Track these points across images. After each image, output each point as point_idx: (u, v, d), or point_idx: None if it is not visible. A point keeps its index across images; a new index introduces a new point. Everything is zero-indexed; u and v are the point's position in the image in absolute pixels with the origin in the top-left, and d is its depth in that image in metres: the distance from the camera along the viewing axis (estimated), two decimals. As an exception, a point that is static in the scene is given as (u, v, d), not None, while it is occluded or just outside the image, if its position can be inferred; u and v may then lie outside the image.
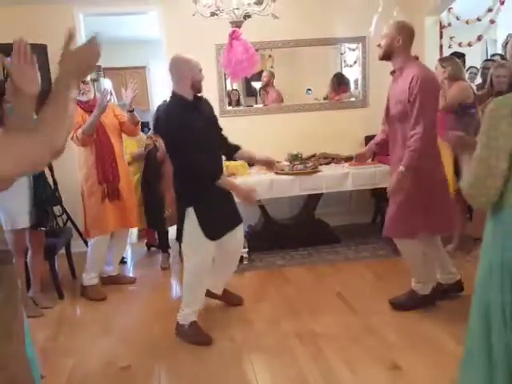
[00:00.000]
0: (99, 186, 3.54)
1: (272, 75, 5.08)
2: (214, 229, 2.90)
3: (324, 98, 5.19)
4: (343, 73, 5.35)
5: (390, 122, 3.00)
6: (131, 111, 3.67)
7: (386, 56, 2.89)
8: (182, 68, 2.80)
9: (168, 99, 3.07)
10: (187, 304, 2.96)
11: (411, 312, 3.09)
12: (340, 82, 5.27)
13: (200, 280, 2.95)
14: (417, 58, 2.90)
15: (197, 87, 2.82)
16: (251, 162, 3.87)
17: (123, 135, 3.85)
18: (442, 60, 4.04)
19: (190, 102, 2.81)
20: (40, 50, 4.37)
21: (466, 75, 5.04)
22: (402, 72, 2.85)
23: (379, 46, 2.90)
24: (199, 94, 2.88)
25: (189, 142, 2.70)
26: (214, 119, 3.04)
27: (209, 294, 3.23)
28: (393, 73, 2.96)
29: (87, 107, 3.56)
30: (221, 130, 3.10)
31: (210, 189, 2.82)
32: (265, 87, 5.17)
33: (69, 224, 4.31)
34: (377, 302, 3.27)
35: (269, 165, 3.32)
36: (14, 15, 4.47)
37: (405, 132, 2.81)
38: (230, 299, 3.36)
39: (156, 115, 4.19)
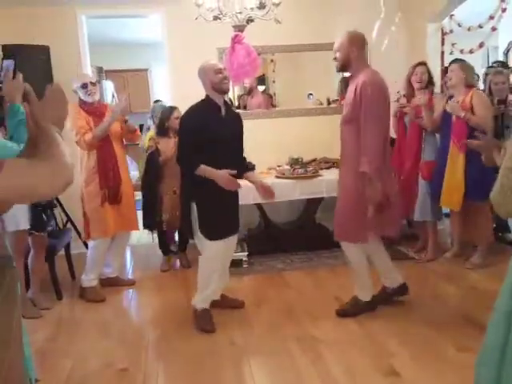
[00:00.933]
0: (100, 191, 3.54)
1: (254, 80, 5.08)
2: (212, 229, 2.98)
3: (328, 103, 5.20)
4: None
5: (341, 123, 3.04)
6: (126, 121, 3.68)
7: (343, 68, 2.99)
8: (200, 74, 3.03)
9: None
10: (200, 290, 3.12)
11: (411, 317, 3.09)
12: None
13: (211, 273, 3.07)
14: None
15: (216, 88, 2.97)
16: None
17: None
18: (463, 65, 3.91)
19: (212, 102, 2.99)
20: (42, 51, 4.40)
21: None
22: (354, 78, 2.94)
23: (335, 59, 2.96)
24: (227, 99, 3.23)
25: (191, 136, 2.91)
26: (237, 132, 3.12)
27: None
28: (350, 78, 3.05)
29: (91, 109, 3.56)
30: (241, 146, 3.17)
31: (212, 188, 2.89)
32: (249, 92, 5.17)
33: (69, 225, 4.31)
34: (376, 308, 3.27)
35: (267, 194, 3.15)
36: (17, 17, 4.49)
37: (349, 134, 2.91)
38: (230, 303, 3.36)
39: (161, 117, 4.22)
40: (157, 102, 5.96)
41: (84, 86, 3.54)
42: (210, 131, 2.89)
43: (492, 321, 1.54)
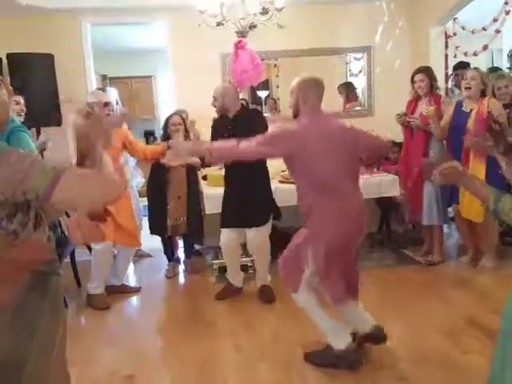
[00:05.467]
0: None
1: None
2: (222, 216, 3.49)
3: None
4: (347, 82, 5.37)
5: None
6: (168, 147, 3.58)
7: (295, 115, 2.65)
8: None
9: None
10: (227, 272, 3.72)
11: (418, 324, 3.06)
12: (350, 91, 5.30)
13: (226, 257, 3.64)
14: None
15: (218, 110, 3.51)
16: None
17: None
18: (483, 74, 3.81)
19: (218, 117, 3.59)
20: (47, 60, 4.42)
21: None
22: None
23: (290, 107, 2.69)
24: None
25: None
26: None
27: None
28: None
29: None
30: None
31: (228, 179, 3.48)
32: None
33: (74, 232, 4.31)
34: (382, 313, 3.23)
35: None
36: (22, 25, 4.52)
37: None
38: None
39: None
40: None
41: (105, 105, 3.59)
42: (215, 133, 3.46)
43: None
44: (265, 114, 5.16)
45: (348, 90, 5.32)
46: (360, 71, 5.25)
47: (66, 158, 1.51)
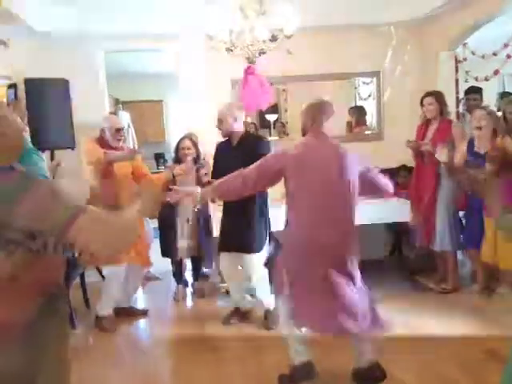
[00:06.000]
0: None
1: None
2: (219, 240, 3.49)
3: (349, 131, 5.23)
4: (358, 106, 5.42)
5: None
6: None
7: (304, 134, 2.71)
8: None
9: None
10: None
11: (432, 353, 2.97)
12: (361, 115, 5.33)
13: (228, 281, 3.65)
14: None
15: (222, 133, 3.47)
16: None
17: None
18: (492, 114, 3.74)
19: (221, 142, 3.57)
20: (62, 85, 4.52)
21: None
22: None
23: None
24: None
25: None
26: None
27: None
28: None
29: (109, 148, 3.60)
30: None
31: (227, 205, 3.38)
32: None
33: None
34: (394, 342, 3.15)
35: None
36: (38, 51, 4.64)
37: None
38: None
39: None
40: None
41: (117, 131, 3.65)
42: (217, 159, 3.53)
43: None
44: (273, 138, 5.22)
45: (359, 113, 5.35)
46: (369, 95, 5.28)
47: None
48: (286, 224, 2.59)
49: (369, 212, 4.19)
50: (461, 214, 4.12)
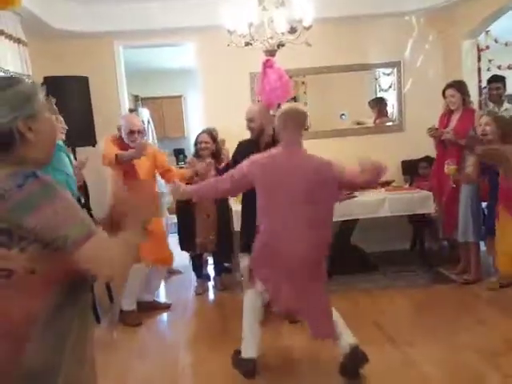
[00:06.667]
0: None
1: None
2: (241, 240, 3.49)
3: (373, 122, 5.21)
4: (378, 98, 5.34)
5: None
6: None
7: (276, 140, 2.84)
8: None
9: None
10: None
11: (454, 343, 2.96)
12: (382, 107, 5.26)
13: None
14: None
15: (255, 132, 3.38)
16: None
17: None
18: (497, 118, 3.63)
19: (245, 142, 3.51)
20: (82, 82, 4.57)
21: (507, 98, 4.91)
22: None
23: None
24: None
25: None
26: None
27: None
28: None
29: (126, 147, 3.57)
30: None
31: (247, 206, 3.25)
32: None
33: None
34: (416, 332, 3.16)
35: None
36: (57, 48, 4.70)
37: None
38: None
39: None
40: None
41: (131, 133, 3.58)
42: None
43: None
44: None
45: (380, 105, 5.28)
46: (390, 86, 5.21)
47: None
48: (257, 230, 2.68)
49: (391, 204, 4.18)
50: (484, 205, 4.06)
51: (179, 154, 8.78)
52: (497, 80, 4.77)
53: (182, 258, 4.61)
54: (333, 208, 2.67)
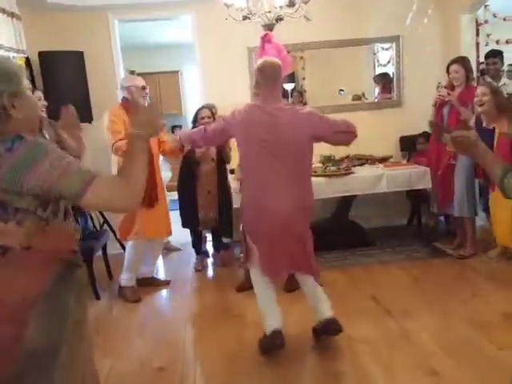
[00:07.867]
0: None
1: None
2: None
3: (359, 98, 5.15)
4: (377, 72, 5.29)
5: None
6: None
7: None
8: None
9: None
10: None
11: (450, 316, 3.02)
12: (387, 82, 5.21)
13: None
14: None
15: None
16: None
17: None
18: (493, 88, 3.67)
19: None
20: (77, 57, 4.51)
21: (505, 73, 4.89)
22: None
23: None
24: None
25: None
26: None
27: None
28: None
29: (132, 109, 3.54)
30: None
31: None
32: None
33: (105, 226, 4.41)
34: (413, 305, 3.21)
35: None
36: (51, 23, 4.60)
37: None
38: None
39: None
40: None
41: (143, 89, 3.57)
42: None
43: None
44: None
45: (385, 80, 5.23)
46: (388, 61, 5.15)
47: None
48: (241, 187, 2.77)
49: (389, 180, 4.20)
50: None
51: (177, 130, 8.72)
52: (494, 55, 4.74)
53: (180, 236, 4.63)
54: (311, 164, 2.75)
